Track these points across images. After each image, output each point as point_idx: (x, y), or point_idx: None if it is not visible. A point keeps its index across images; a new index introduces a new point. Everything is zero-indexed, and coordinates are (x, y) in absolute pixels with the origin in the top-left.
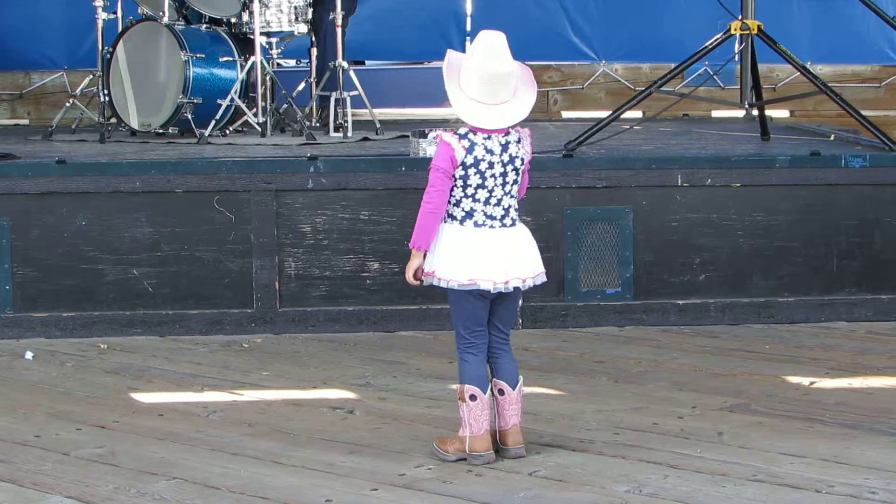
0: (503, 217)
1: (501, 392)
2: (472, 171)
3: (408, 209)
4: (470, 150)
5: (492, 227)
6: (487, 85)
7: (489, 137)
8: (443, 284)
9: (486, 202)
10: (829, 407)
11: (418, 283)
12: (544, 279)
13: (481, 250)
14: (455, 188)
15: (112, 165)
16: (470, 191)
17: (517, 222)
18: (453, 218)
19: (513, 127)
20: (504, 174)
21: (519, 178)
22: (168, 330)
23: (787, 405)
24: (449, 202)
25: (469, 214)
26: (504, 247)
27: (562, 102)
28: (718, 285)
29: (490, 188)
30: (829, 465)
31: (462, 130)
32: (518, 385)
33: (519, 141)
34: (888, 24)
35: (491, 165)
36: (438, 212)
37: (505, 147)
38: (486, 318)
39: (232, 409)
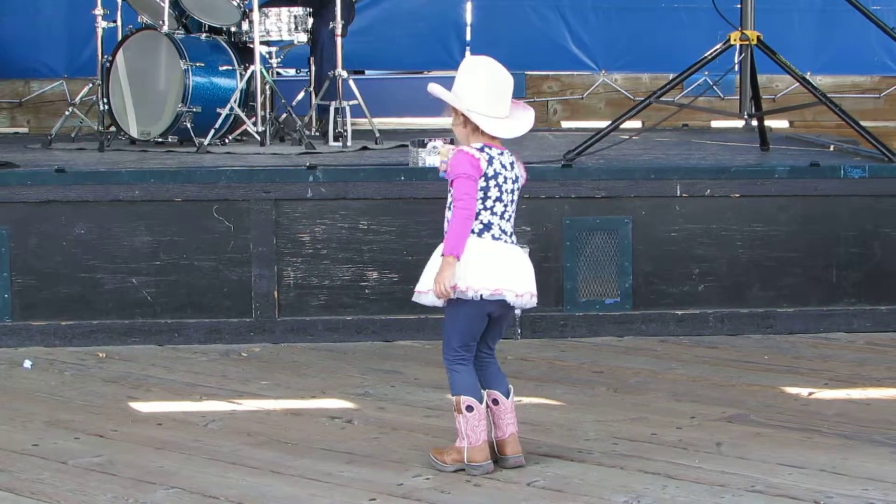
0: (511, 234)
1: (496, 402)
2: (492, 182)
3: (407, 219)
4: (490, 162)
5: (505, 241)
6: (497, 100)
7: (502, 153)
8: (470, 294)
9: (502, 216)
10: (828, 418)
11: (451, 294)
12: (535, 303)
13: (504, 262)
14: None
15: (111, 174)
16: (489, 203)
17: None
18: (471, 231)
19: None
20: (513, 191)
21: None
22: (167, 339)
23: (786, 416)
24: None
25: (487, 227)
26: (518, 261)
27: (561, 112)
28: (717, 296)
29: (505, 203)
30: (827, 476)
31: (477, 145)
32: (511, 393)
33: (514, 163)
34: (888, 35)
35: (506, 180)
36: (472, 219)
37: (511, 165)
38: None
39: (230, 418)
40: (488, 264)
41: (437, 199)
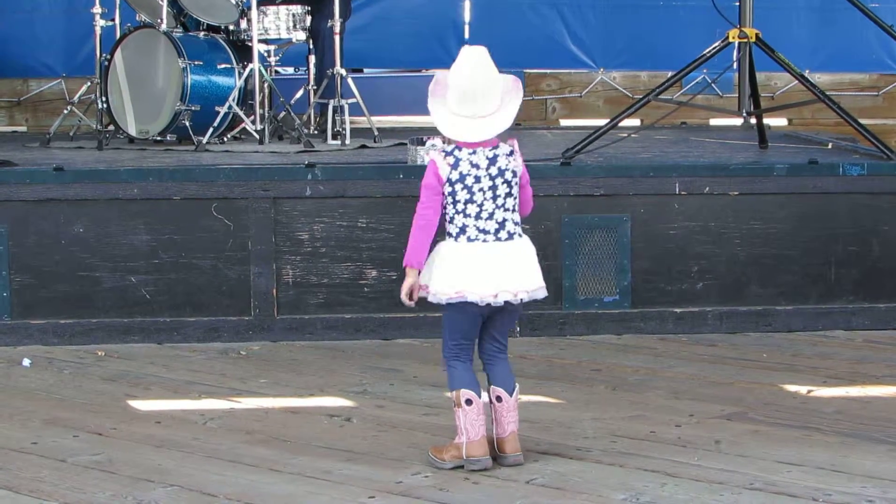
0: (497, 231)
1: (499, 399)
2: (458, 186)
3: (405, 217)
4: (455, 166)
5: (485, 241)
6: (464, 98)
7: (474, 152)
8: (431, 299)
9: (478, 217)
10: (827, 415)
11: (412, 303)
12: (544, 293)
13: (471, 264)
14: (447, 205)
15: (110, 173)
16: (460, 206)
17: (515, 236)
18: (449, 235)
19: (501, 139)
20: (493, 188)
21: (514, 191)
22: (166, 337)
23: (785, 414)
24: (445, 220)
25: (462, 230)
26: (496, 260)
27: (560, 110)
28: (716, 294)
29: (479, 202)
30: (826, 474)
31: (449, 147)
32: (515, 392)
33: (511, 153)
34: (887, 33)
35: (478, 179)
36: (429, 227)
37: (493, 160)
38: (477, 331)
39: (229, 416)
40: (453, 268)
41: None
